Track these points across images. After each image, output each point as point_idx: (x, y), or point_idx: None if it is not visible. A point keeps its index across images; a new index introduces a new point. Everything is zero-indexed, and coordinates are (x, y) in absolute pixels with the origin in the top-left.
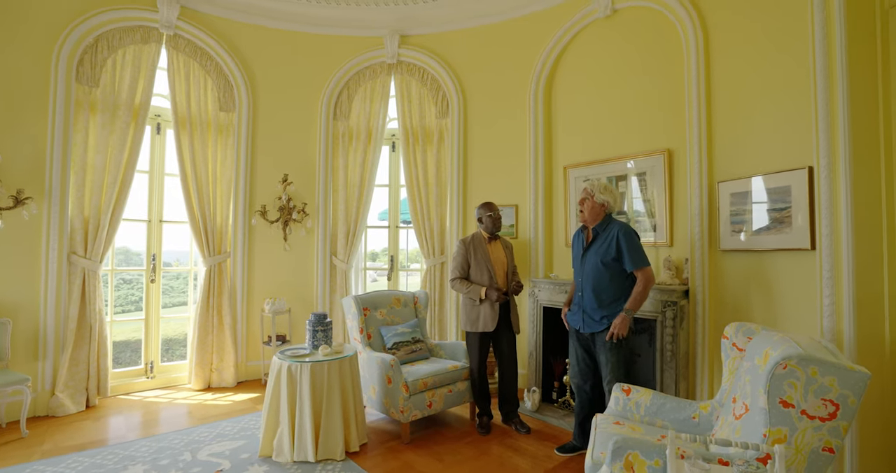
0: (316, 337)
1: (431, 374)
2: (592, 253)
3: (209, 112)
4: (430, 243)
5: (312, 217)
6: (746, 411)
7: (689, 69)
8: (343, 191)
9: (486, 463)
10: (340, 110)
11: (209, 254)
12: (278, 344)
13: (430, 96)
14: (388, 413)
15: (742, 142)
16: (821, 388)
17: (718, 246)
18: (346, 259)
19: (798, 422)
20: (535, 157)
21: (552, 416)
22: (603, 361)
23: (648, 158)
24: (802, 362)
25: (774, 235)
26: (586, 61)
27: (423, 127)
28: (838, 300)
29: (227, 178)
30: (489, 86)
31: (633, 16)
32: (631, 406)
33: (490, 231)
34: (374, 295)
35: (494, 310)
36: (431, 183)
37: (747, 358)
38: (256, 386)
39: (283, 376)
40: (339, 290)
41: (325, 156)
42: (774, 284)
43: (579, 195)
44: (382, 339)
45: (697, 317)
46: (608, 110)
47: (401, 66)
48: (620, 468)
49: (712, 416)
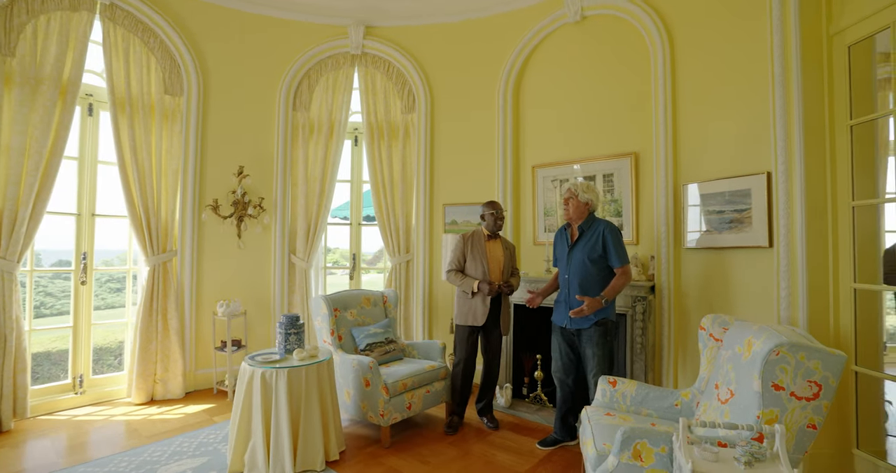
0: (289, 340)
1: (410, 375)
2: (579, 250)
3: (152, 94)
4: (396, 241)
5: (270, 213)
6: (732, 396)
7: (655, 78)
8: (303, 185)
9: (472, 462)
10: (300, 100)
11: (152, 253)
12: (234, 349)
13: (395, 90)
14: (365, 418)
15: (706, 148)
16: (807, 371)
17: (683, 244)
18: (306, 257)
19: (788, 403)
20: (503, 156)
21: (525, 411)
22: (589, 355)
23: (616, 160)
24: (792, 348)
25: (735, 234)
26: (556, 64)
27: (389, 121)
28: (794, 292)
29: (173, 169)
30: (457, 83)
31: (602, 23)
32: (618, 397)
33: (491, 229)
34: (344, 295)
35: (486, 305)
36: (397, 179)
37: (726, 347)
38: (208, 397)
39: (255, 384)
40: (298, 291)
41: (283, 149)
42: (735, 279)
43: (563, 194)
44: (354, 341)
45: (664, 311)
46: (576, 113)
47: (365, 57)
48: (629, 456)
49: (693, 403)
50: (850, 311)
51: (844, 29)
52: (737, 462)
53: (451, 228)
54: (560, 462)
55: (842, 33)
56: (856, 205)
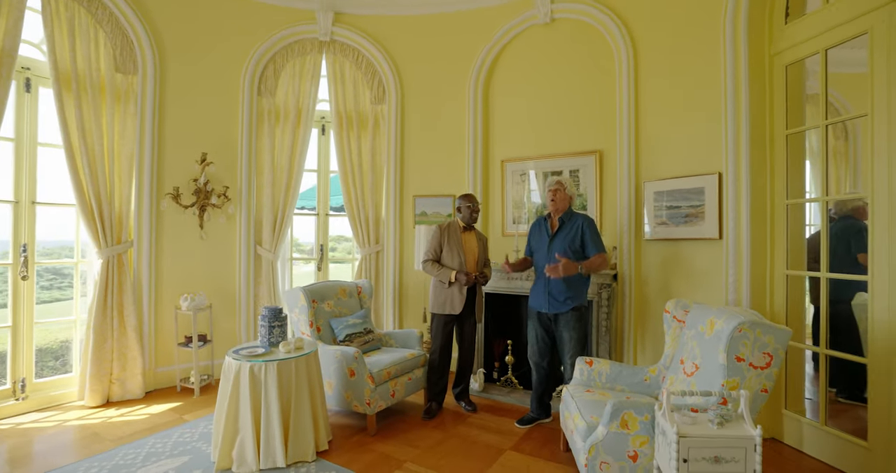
0: (273, 333)
1: (394, 363)
2: (560, 239)
3: (102, 71)
4: (365, 232)
5: (235, 202)
6: (697, 369)
7: (620, 83)
8: (269, 174)
9: (460, 443)
10: (266, 86)
11: (106, 244)
12: (200, 344)
13: (364, 80)
14: (349, 408)
15: (665, 149)
16: (763, 344)
17: (643, 236)
18: (272, 248)
19: (747, 372)
20: (473, 150)
21: (498, 394)
22: (566, 338)
23: (582, 157)
24: (753, 326)
25: (690, 227)
26: (526, 62)
27: (358, 111)
28: (739, 278)
29: (127, 154)
30: (428, 76)
31: (571, 26)
32: (594, 375)
33: (466, 221)
34: (321, 286)
35: (462, 294)
36: (367, 170)
37: (688, 327)
38: (172, 395)
39: (243, 378)
40: (265, 282)
41: (248, 135)
42: (689, 267)
43: (551, 187)
44: (333, 332)
45: (625, 297)
46: (545, 110)
47: (334, 45)
48: (617, 425)
49: (659, 377)
50: (783, 293)
51: (782, 51)
52: (710, 423)
53: (421, 219)
54: (539, 438)
55: (780, 54)
56: (789, 203)
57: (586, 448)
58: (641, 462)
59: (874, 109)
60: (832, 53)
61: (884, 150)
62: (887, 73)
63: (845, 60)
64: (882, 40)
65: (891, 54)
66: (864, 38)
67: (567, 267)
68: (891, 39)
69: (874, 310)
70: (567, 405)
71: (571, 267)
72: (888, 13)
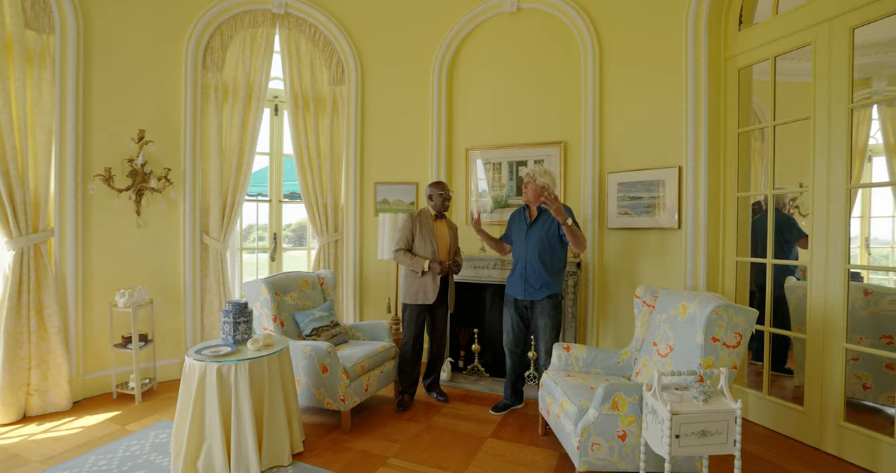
0: (238, 329)
1: (366, 357)
2: (537, 228)
3: (7, 26)
4: (323, 220)
5: (177, 186)
6: (671, 350)
7: (585, 76)
8: (217, 156)
9: (439, 434)
10: (212, 58)
11: (18, 233)
12: (141, 345)
13: (322, 59)
14: (321, 405)
15: (628, 142)
16: (734, 325)
17: (606, 225)
18: (221, 237)
19: (721, 351)
20: (437, 137)
21: (466, 383)
22: (541, 325)
23: (546, 148)
24: (728, 309)
25: (650, 217)
26: (491, 50)
27: (315, 92)
28: (696, 265)
29: (45, 127)
30: (390, 59)
31: (537, 17)
32: (571, 360)
33: (437, 209)
34: (283, 278)
35: (436, 283)
36: (325, 154)
37: (659, 311)
38: (108, 403)
39: (209, 381)
40: (212, 275)
41: (193, 112)
42: (649, 255)
43: (524, 179)
44: (297, 326)
45: (588, 284)
46: (510, 100)
47: (289, 18)
48: (608, 407)
49: (631, 360)
50: (733, 278)
51: (736, 55)
52: (696, 399)
53: (382, 207)
54: (515, 424)
55: (734, 58)
56: (739, 196)
57: (578, 430)
58: (629, 441)
59: (815, 113)
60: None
61: (823, 150)
62: (828, 81)
63: (764, 70)
64: (824, 52)
65: (831, 64)
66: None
67: (559, 209)
68: (831, 51)
69: (812, 292)
70: (550, 390)
71: (561, 213)
72: (828, 28)
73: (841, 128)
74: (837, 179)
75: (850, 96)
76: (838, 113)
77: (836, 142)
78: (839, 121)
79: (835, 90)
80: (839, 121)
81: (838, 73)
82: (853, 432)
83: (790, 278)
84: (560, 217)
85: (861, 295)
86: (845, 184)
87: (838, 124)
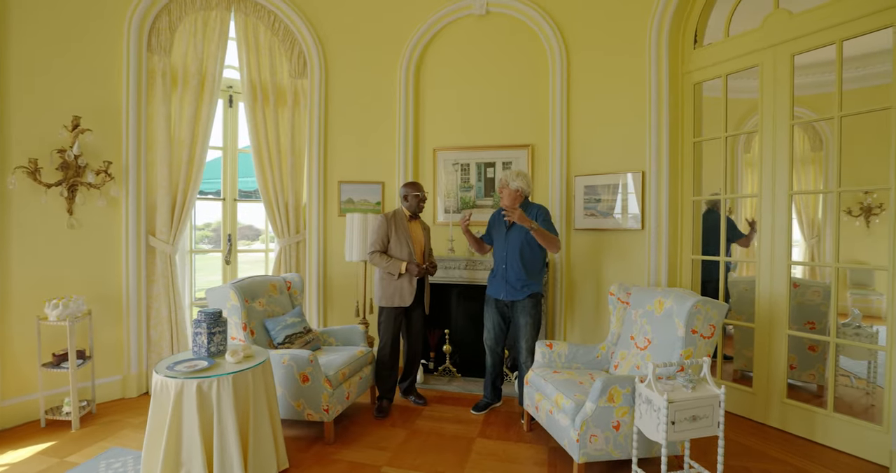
0: (213, 340)
1: (346, 363)
2: (516, 231)
3: None
4: (284, 220)
5: (119, 181)
6: (649, 343)
7: (553, 81)
8: (166, 149)
9: (426, 439)
10: (159, 40)
11: None
12: (79, 363)
13: (283, 49)
14: (301, 417)
15: (595, 147)
16: (709, 318)
17: (573, 226)
18: (171, 239)
19: (698, 342)
20: (405, 136)
21: (439, 384)
22: (522, 324)
23: (514, 151)
24: (706, 303)
25: (616, 218)
26: (460, 51)
27: (275, 84)
28: (659, 263)
29: None
30: (356, 54)
31: (506, 21)
32: (554, 357)
33: (412, 210)
34: (251, 283)
35: (413, 285)
36: (285, 151)
37: (634, 307)
38: (36, 433)
39: (187, 400)
40: (160, 280)
41: (137, 100)
42: (614, 254)
43: (498, 184)
44: (268, 334)
45: (556, 282)
46: (479, 102)
47: (245, 3)
48: (605, 400)
49: (609, 353)
50: (689, 274)
51: (692, 71)
52: (685, 387)
53: (347, 207)
54: (499, 423)
55: (690, 74)
56: (694, 199)
57: (577, 424)
58: (623, 431)
59: (762, 127)
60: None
61: (769, 159)
62: (773, 98)
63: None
64: (769, 73)
65: (775, 84)
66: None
67: (522, 217)
68: (775, 73)
69: (760, 286)
70: (538, 387)
71: (525, 219)
72: (773, 54)
73: (784, 142)
74: (781, 186)
75: (792, 113)
76: (782, 128)
77: (779, 154)
78: (783, 135)
79: (779, 107)
80: (783, 135)
81: (781, 93)
82: (794, 407)
83: (731, 273)
84: (525, 224)
85: (791, 288)
86: (787, 190)
87: (782, 138)
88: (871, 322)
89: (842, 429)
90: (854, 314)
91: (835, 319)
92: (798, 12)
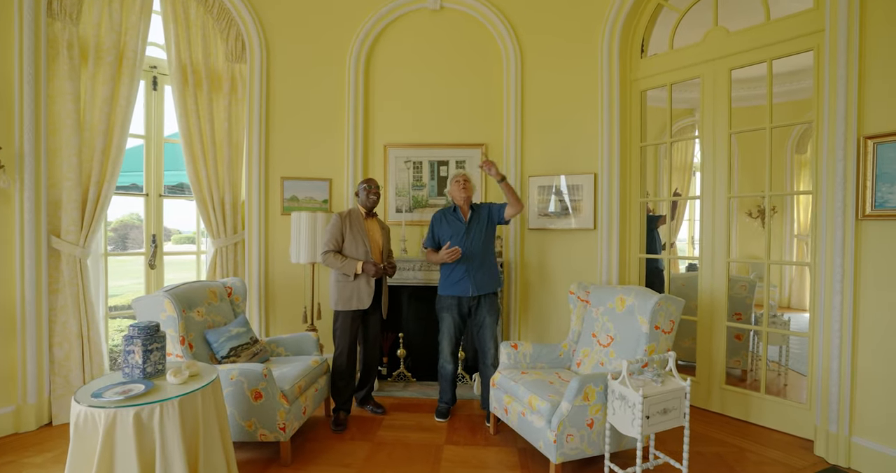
0: (149, 359)
1: (302, 375)
2: (475, 224)
3: None
4: (220, 219)
5: (10, 171)
6: (612, 340)
7: (507, 81)
8: (75, 135)
9: (392, 450)
10: (62, 5)
11: None
12: None
13: (217, 29)
14: (253, 438)
15: (549, 148)
16: (669, 313)
17: (527, 225)
18: (81, 240)
19: (660, 337)
20: (354, 131)
21: (394, 390)
22: (488, 323)
23: (467, 149)
24: (667, 300)
25: (569, 218)
26: (413, 45)
27: (209, 67)
28: (610, 262)
29: None
30: (301, 41)
31: (461, 18)
32: (520, 357)
33: (364, 204)
34: (187, 289)
35: (370, 286)
36: (221, 142)
37: (595, 305)
38: None
39: (121, 433)
40: (67, 288)
41: (34, 74)
42: (568, 253)
43: (458, 180)
44: (210, 347)
45: (511, 281)
46: (432, 99)
47: None
48: (580, 399)
49: (570, 351)
50: (637, 272)
51: (639, 79)
52: (654, 382)
53: (290, 205)
54: (464, 427)
55: (637, 81)
56: (641, 201)
57: (554, 425)
58: (596, 428)
59: (703, 133)
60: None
61: (709, 164)
62: (713, 108)
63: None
64: (709, 85)
65: (714, 97)
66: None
67: (499, 171)
68: (715, 86)
69: (702, 282)
70: (508, 389)
71: (500, 172)
72: (713, 67)
73: (723, 149)
74: (720, 190)
75: (730, 123)
76: (721, 136)
77: (719, 160)
78: (722, 143)
79: (718, 117)
80: (722, 143)
81: (720, 103)
82: (731, 391)
83: (662, 272)
84: (500, 176)
85: (728, 283)
86: (726, 193)
87: (721, 146)
88: (781, 311)
89: (773, 409)
90: (770, 305)
91: (766, 310)
92: (734, 30)
